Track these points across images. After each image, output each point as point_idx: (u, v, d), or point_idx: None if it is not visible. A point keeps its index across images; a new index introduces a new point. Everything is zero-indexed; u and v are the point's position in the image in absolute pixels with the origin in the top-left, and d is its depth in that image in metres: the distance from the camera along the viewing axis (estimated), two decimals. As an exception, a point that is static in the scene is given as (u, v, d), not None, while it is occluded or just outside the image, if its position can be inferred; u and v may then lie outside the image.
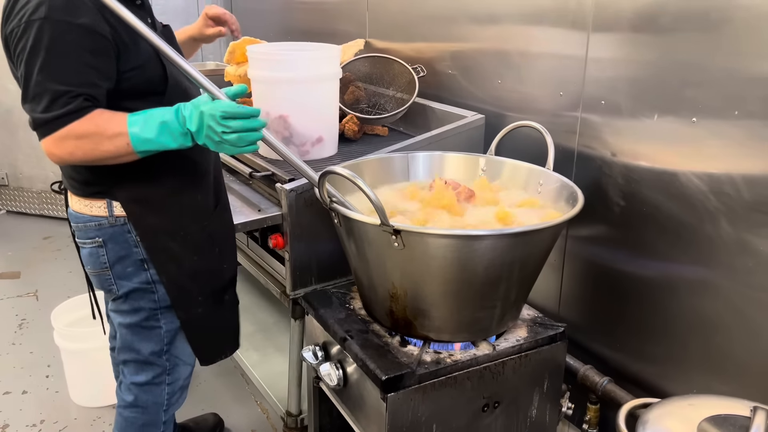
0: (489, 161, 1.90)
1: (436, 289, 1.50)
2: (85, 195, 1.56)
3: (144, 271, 1.61)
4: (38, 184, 4.29)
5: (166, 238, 1.59)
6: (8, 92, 4.06)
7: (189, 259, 1.63)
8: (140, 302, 1.64)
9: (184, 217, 1.61)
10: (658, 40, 1.62)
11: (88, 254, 1.62)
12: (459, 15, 2.34)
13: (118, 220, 1.56)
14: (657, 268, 1.73)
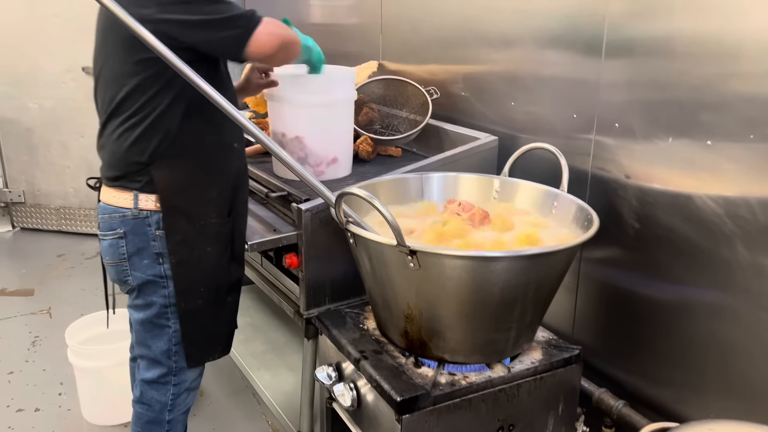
0: (503, 183, 1.91)
1: (451, 310, 1.50)
2: (116, 186, 1.69)
3: (158, 265, 1.71)
4: (56, 200, 4.36)
5: (186, 222, 1.69)
6: (28, 111, 4.15)
7: (202, 248, 1.72)
8: (152, 296, 1.73)
9: (209, 206, 1.72)
10: (672, 64, 1.63)
11: (108, 245, 1.73)
12: (472, 38, 2.37)
13: (141, 213, 1.68)
14: (673, 291, 1.72)
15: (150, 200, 1.68)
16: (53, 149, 4.27)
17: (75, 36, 3.97)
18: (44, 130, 4.22)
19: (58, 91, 4.15)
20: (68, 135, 4.24)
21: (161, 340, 1.77)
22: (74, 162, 4.30)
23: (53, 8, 3.98)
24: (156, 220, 1.69)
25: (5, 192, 4.31)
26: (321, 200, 1.88)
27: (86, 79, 4.10)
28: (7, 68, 4.08)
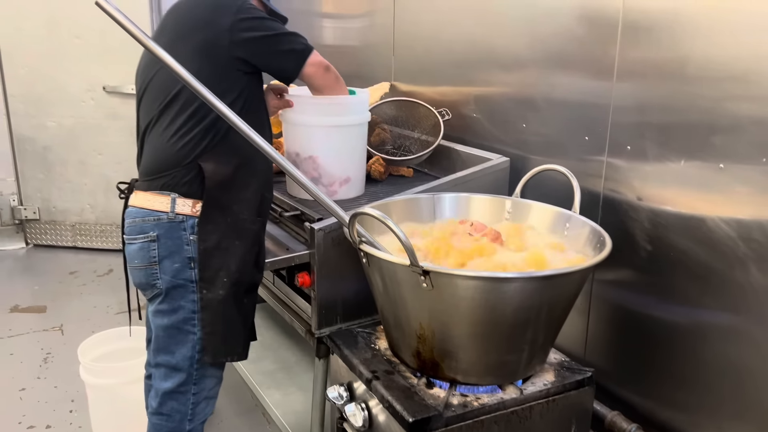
0: (515, 204, 1.91)
1: (464, 330, 1.50)
2: (153, 189, 1.75)
3: (190, 270, 1.75)
4: (72, 216, 4.42)
5: (220, 214, 1.74)
6: (46, 129, 4.22)
7: (230, 240, 1.76)
8: (180, 301, 1.77)
9: (242, 204, 1.78)
10: (684, 87, 1.64)
11: (138, 249, 1.76)
12: (483, 60, 2.39)
13: (177, 217, 1.74)
14: (686, 314, 1.72)
15: (187, 205, 1.74)
16: (71, 166, 4.33)
17: (96, 57, 4.09)
18: (62, 148, 4.29)
19: (78, 109, 4.23)
20: (87, 152, 4.31)
21: (185, 347, 1.79)
22: (92, 179, 4.36)
23: (75, 30, 4.08)
24: (191, 224, 1.74)
25: (20, 209, 4.36)
26: (334, 220, 1.90)
27: (106, 98, 4.19)
28: (27, 87, 4.16)
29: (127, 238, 1.80)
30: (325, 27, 3.58)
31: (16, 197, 4.35)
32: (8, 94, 4.15)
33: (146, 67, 1.84)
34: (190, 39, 1.74)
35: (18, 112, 4.20)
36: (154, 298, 1.81)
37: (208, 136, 1.74)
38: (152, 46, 1.49)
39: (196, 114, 1.73)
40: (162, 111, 1.76)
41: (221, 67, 1.73)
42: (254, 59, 1.77)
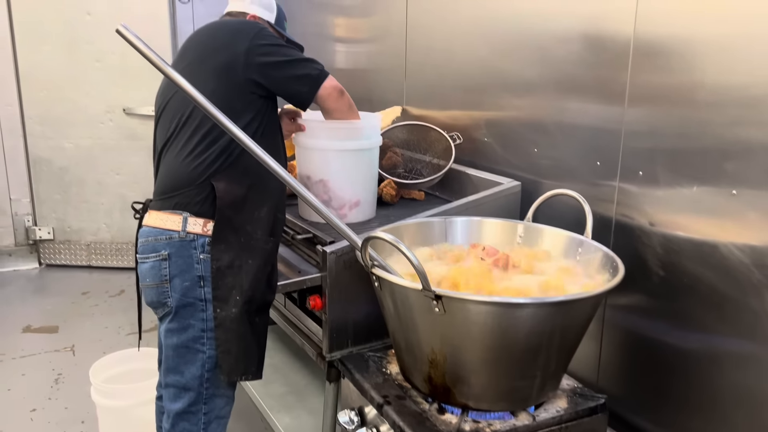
0: (527, 228, 1.92)
1: (476, 355, 1.50)
2: (166, 208, 1.78)
3: (199, 288, 1.77)
4: (88, 236, 4.48)
5: (233, 234, 1.76)
6: (63, 150, 4.29)
7: (243, 259, 1.78)
8: (190, 319, 1.79)
9: (255, 224, 1.81)
10: (696, 113, 1.65)
11: (150, 267, 1.79)
12: (495, 84, 2.41)
13: (188, 236, 1.77)
14: (700, 341, 1.70)
15: (198, 224, 1.76)
16: (88, 187, 4.40)
17: (116, 80, 4.20)
18: (79, 169, 4.36)
19: (96, 130, 4.32)
20: (104, 172, 4.39)
21: (194, 366, 1.81)
22: (109, 198, 4.43)
23: (94, 55, 4.20)
24: (201, 243, 1.76)
25: (34, 229, 4.41)
26: (346, 243, 1.91)
27: (125, 119, 4.29)
28: (45, 110, 4.24)
29: (139, 257, 1.83)
30: (338, 51, 3.63)
31: (30, 218, 4.40)
32: (25, 116, 4.23)
33: (165, 89, 1.89)
34: (208, 61, 1.79)
35: (35, 134, 4.27)
36: (164, 317, 1.83)
37: (222, 157, 1.77)
38: (169, 71, 1.52)
39: (210, 135, 1.76)
40: (177, 131, 1.81)
41: (236, 88, 1.77)
42: (269, 83, 1.81)
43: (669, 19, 1.70)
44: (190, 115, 1.78)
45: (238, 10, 2.04)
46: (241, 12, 2.03)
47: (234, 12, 2.04)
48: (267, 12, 2.07)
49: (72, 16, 4.14)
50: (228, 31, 1.85)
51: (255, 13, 2.03)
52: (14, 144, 4.25)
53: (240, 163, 1.78)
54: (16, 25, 4.09)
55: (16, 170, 4.30)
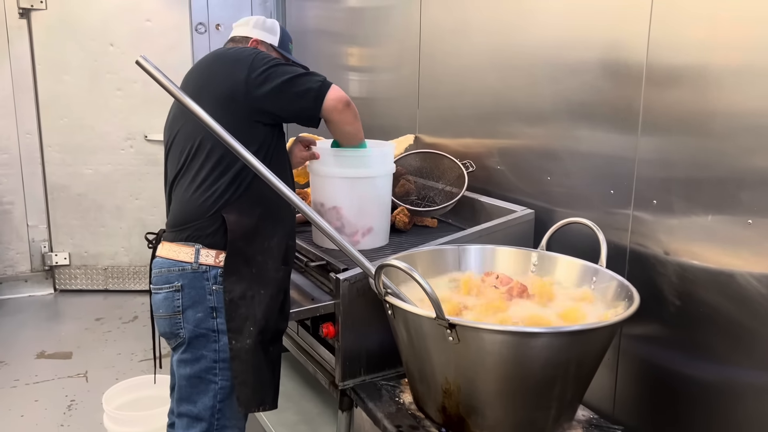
0: (541, 256, 1.91)
1: (491, 386, 1.48)
2: (179, 240, 1.79)
3: (212, 319, 1.78)
4: (105, 260, 4.55)
5: (245, 265, 1.77)
6: (82, 177, 4.37)
7: (255, 290, 1.78)
8: (202, 350, 1.79)
9: (266, 254, 1.81)
10: (710, 142, 1.65)
11: (163, 298, 1.80)
12: (507, 113, 2.43)
13: (200, 267, 1.78)
14: (718, 372, 1.68)
15: (210, 255, 1.77)
16: (106, 211, 4.50)
17: (137, 108, 4.32)
18: (98, 194, 4.46)
19: (117, 156, 4.43)
20: (123, 198, 4.49)
21: (207, 396, 1.81)
22: (128, 223, 4.52)
23: (116, 84, 4.34)
24: (214, 274, 1.77)
25: (50, 255, 4.45)
26: (359, 270, 1.91)
27: (145, 145, 4.40)
28: (65, 137, 4.33)
29: (153, 287, 1.84)
30: (351, 80, 3.67)
31: (47, 244, 4.45)
32: (44, 144, 4.31)
33: (173, 120, 1.91)
34: (210, 94, 1.79)
35: (54, 161, 4.35)
36: (177, 347, 1.84)
37: (231, 188, 1.78)
38: (186, 100, 1.55)
39: (219, 166, 1.78)
40: (187, 163, 1.82)
41: (240, 118, 1.77)
42: (273, 108, 1.81)
43: (681, 48, 1.71)
44: (198, 147, 1.80)
45: (241, 35, 2.06)
46: (244, 37, 2.05)
47: (237, 37, 2.07)
48: (270, 35, 2.07)
49: (95, 48, 4.28)
50: (226, 62, 1.85)
51: (258, 37, 2.04)
52: (33, 171, 4.33)
53: (250, 194, 1.80)
54: (38, 56, 4.20)
55: (34, 197, 4.37)
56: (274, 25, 2.09)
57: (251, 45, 2.02)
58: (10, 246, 4.38)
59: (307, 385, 3.04)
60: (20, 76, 4.19)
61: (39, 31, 4.17)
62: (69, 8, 4.20)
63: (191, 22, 4.44)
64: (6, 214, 4.33)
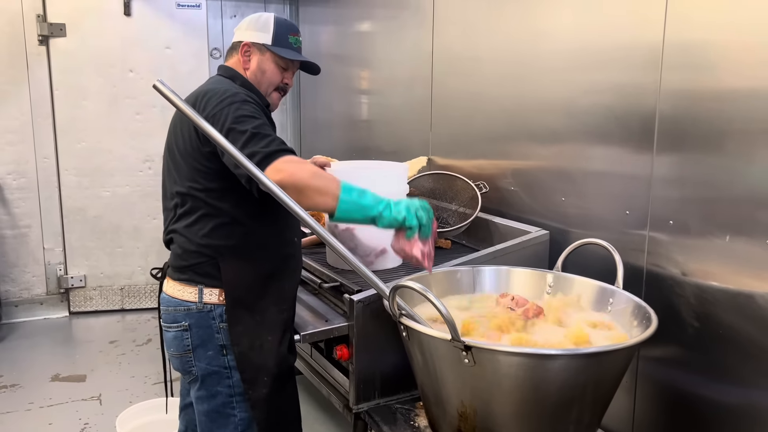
0: (557, 277, 1.90)
1: (507, 409, 1.46)
2: (182, 280, 1.75)
3: (222, 356, 1.75)
4: (122, 280, 4.59)
5: (247, 314, 1.73)
6: (100, 199, 4.45)
7: (263, 338, 1.75)
8: (216, 387, 1.77)
9: (267, 299, 1.77)
10: (726, 161, 1.64)
11: (173, 337, 1.78)
12: (520, 134, 2.43)
13: (205, 307, 1.74)
14: (738, 394, 1.65)
15: (214, 294, 1.75)
16: (123, 232, 4.55)
17: (155, 130, 4.41)
18: (115, 215, 4.51)
19: (135, 178, 4.51)
20: (140, 218, 4.56)
21: (227, 429, 1.79)
22: (144, 243, 4.59)
23: (135, 108, 4.44)
24: (219, 313, 1.75)
25: (66, 278, 4.48)
26: (373, 291, 1.91)
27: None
28: (83, 161, 4.40)
29: (163, 325, 1.83)
30: (363, 103, 3.71)
31: (62, 266, 4.48)
32: (61, 168, 4.37)
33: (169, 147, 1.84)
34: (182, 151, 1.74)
35: (70, 185, 4.41)
36: (192, 383, 1.82)
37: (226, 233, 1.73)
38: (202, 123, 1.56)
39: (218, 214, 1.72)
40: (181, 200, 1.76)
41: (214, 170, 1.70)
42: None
43: (696, 68, 1.71)
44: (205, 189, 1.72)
45: (236, 40, 1.91)
46: (237, 41, 1.90)
47: (234, 42, 1.92)
48: (261, 34, 1.87)
49: (114, 74, 4.38)
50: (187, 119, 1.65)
51: (248, 39, 1.86)
52: (49, 195, 4.38)
53: (250, 240, 1.74)
54: (55, 82, 4.27)
55: (50, 220, 4.41)
56: (268, 21, 1.88)
57: (242, 49, 1.86)
58: (26, 269, 4.42)
59: (321, 408, 3.02)
60: (39, 102, 4.27)
61: (57, 57, 4.25)
62: (88, 36, 4.29)
63: (208, 48, 4.59)
64: (23, 237, 4.37)
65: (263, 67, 1.88)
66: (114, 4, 4.32)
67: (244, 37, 1.88)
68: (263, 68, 1.88)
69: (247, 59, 1.88)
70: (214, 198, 1.72)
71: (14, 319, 4.40)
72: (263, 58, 1.88)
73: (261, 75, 1.88)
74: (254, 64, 1.88)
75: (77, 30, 4.27)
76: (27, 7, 4.15)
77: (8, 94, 4.20)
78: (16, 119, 4.23)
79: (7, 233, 4.33)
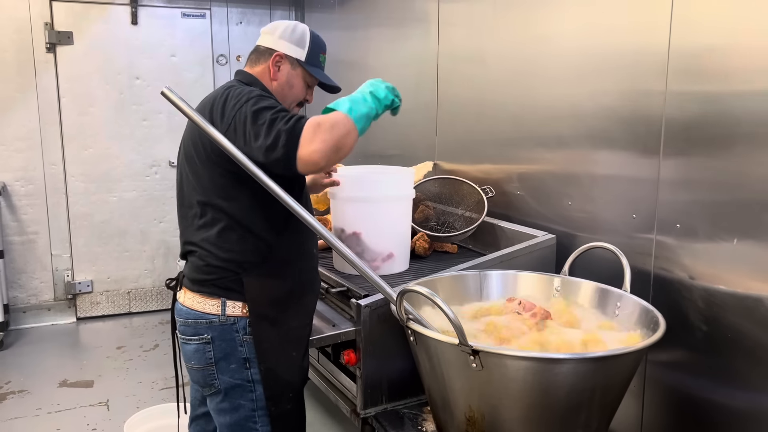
0: (564, 282, 1.90)
1: (515, 414, 1.46)
2: (203, 292, 1.72)
3: (246, 370, 1.73)
4: (128, 283, 4.66)
5: (271, 328, 1.71)
6: (107, 204, 4.51)
7: (288, 353, 1.75)
8: (240, 400, 1.74)
9: (290, 312, 1.75)
10: (733, 164, 1.64)
11: (194, 350, 1.74)
12: (526, 139, 2.44)
13: (228, 320, 1.71)
14: (748, 399, 1.64)
15: (237, 307, 1.71)
16: (130, 236, 4.61)
17: (162, 136, 4.53)
18: (122, 220, 4.58)
19: (141, 183, 4.59)
20: (147, 222, 4.64)
21: None
22: (151, 246, 4.67)
23: (142, 114, 4.51)
24: (243, 326, 1.71)
25: (74, 284, 4.50)
26: (380, 296, 1.91)
27: (170, 171, 4.60)
28: (89, 167, 4.44)
29: (182, 337, 1.78)
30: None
31: (70, 272, 4.50)
32: (68, 174, 4.39)
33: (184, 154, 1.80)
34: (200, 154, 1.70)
35: (77, 191, 4.44)
36: (212, 395, 1.78)
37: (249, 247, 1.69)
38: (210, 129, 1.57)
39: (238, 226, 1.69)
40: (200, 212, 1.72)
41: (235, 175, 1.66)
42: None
43: (703, 72, 1.71)
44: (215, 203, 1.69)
45: (265, 45, 1.82)
46: (268, 48, 1.81)
47: (261, 48, 1.83)
48: (297, 48, 1.81)
49: (121, 81, 4.44)
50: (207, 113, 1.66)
51: (282, 50, 1.80)
52: (57, 201, 4.40)
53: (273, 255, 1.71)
54: (62, 89, 4.31)
55: (58, 227, 4.43)
56: (304, 36, 1.83)
57: (274, 59, 1.79)
58: (34, 275, 4.44)
59: (328, 413, 3.02)
60: (47, 109, 4.30)
61: (65, 65, 4.29)
62: (95, 45, 4.34)
63: (213, 56, 4.66)
64: (31, 244, 4.39)
65: (292, 82, 1.83)
66: (121, 13, 4.38)
67: (278, 47, 1.80)
68: (292, 83, 1.83)
69: (277, 69, 1.81)
70: (236, 209, 1.68)
71: (22, 325, 4.42)
72: (294, 72, 1.83)
73: (288, 89, 1.83)
74: (283, 77, 1.81)
75: (84, 38, 4.32)
76: (35, 15, 4.19)
77: (16, 101, 4.23)
78: (24, 126, 4.27)
79: (15, 239, 4.36)
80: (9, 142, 4.25)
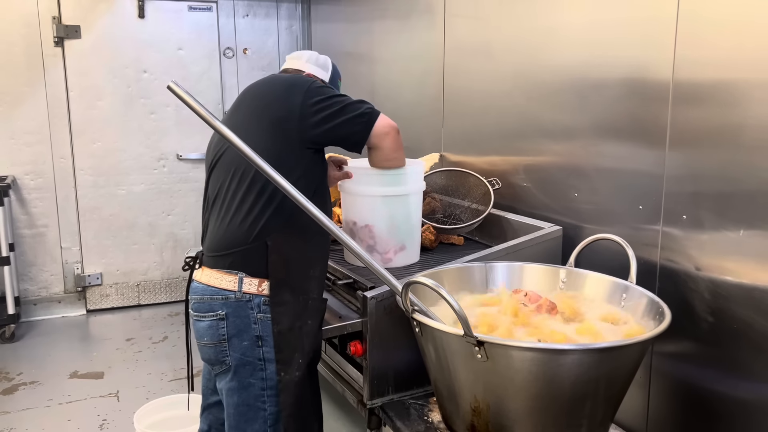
0: (569, 273, 1.90)
1: (520, 404, 1.47)
2: (221, 267, 1.77)
3: (257, 348, 1.77)
4: (137, 276, 4.71)
5: (291, 295, 1.76)
6: (115, 197, 4.56)
7: (304, 320, 1.78)
8: (249, 378, 1.78)
9: (311, 282, 1.80)
10: (739, 155, 1.63)
11: (207, 326, 1.79)
12: (532, 130, 2.43)
13: (244, 296, 1.76)
14: (754, 390, 1.64)
15: (253, 284, 1.76)
16: (139, 229, 4.65)
17: (169, 129, 4.58)
18: (131, 212, 4.62)
19: (149, 176, 4.62)
20: (156, 214, 4.68)
21: (256, 423, 1.80)
22: (160, 239, 4.71)
23: (150, 108, 4.54)
24: (258, 303, 1.76)
25: (83, 277, 4.54)
26: (386, 288, 1.92)
27: (178, 164, 4.64)
28: (98, 161, 4.47)
29: (195, 314, 1.82)
30: (375, 100, 3.71)
31: (79, 265, 4.54)
32: (76, 168, 4.42)
33: (218, 141, 1.90)
34: (263, 116, 1.80)
35: (86, 184, 4.47)
36: (222, 373, 1.82)
37: (276, 216, 1.76)
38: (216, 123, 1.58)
39: (264, 193, 1.75)
40: (230, 186, 1.80)
41: (290, 143, 1.77)
42: (324, 138, 1.81)
43: (708, 63, 1.70)
44: (244, 171, 1.78)
45: (294, 68, 2.05)
46: (297, 70, 2.04)
47: (290, 69, 2.06)
48: (322, 71, 2.07)
49: (129, 74, 4.46)
50: (281, 86, 1.85)
51: (311, 72, 2.04)
52: (66, 194, 4.43)
53: (293, 222, 1.77)
54: (71, 83, 4.33)
55: (67, 220, 4.47)
56: (327, 62, 2.11)
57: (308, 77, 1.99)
58: (44, 268, 4.48)
59: (335, 403, 3.04)
60: (55, 103, 4.32)
61: (73, 59, 4.31)
62: (103, 38, 4.36)
63: (220, 49, 4.67)
64: (41, 237, 4.43)
65: None
66: (128, 7, 4.39)
67: (306, 69, 2.04)
68: None
69: None
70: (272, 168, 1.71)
71: (33, 318, 4.47)
72: None
73: None
74: None
75: (92, 32, 4.34)
76: (43, 9, 4.21)
77: (25, 95, 4.26)
78: (33, 120, 4.30)
79: (26, 233, 4.40)
80: (18, 136, 4.28)
